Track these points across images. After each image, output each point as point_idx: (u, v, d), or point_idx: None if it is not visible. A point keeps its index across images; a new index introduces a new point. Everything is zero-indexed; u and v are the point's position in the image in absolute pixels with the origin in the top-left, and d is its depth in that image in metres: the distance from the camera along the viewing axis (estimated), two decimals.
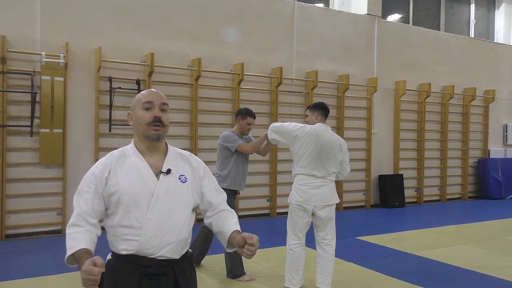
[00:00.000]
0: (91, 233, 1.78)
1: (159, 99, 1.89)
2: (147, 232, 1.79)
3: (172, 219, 1.83)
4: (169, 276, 1.83)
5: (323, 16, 9.02)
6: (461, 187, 10.93)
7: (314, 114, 4.14)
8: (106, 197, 1.83)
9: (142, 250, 1.79)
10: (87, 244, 1.73)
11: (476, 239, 6.51)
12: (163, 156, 1.92)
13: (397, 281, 4.55)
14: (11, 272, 4.67)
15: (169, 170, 1.87)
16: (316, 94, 8.60)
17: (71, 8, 6.64)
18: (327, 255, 4.02)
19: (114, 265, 1.84)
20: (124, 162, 1.87)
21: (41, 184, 6.44)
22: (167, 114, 1.91)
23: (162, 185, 1.84)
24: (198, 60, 7.29)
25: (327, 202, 3.96)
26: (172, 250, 1.83)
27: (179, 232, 1.84)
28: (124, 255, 1.81)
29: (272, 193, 8.24)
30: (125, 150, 1.92)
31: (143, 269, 1.79)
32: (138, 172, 1.85)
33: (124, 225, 1.80)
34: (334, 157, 4.01)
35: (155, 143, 1.89)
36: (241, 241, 1.79)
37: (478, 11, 11.94)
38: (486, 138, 11.35)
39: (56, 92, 6.38)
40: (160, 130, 1.87)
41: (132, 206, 1.80)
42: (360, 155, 9.35)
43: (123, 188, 1.81)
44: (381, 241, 6.23)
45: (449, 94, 10.34)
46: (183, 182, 1.90)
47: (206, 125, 7.56)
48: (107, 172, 1.84)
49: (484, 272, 4.85)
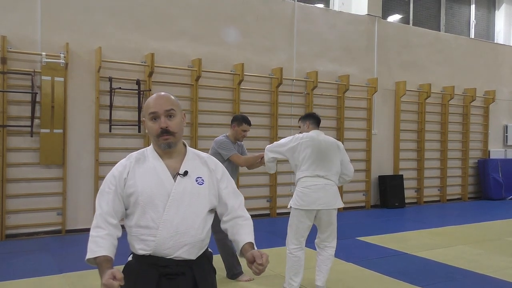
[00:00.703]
0: (111, 237, 1.83)
1: (163, 106, 1.87)
2: (162, 233, 1.81)
3: (188, 220, 1.85)
4: (187, 275, 1.85)
5: (323, 16, 9.03)
6: (461, 188, 10.93)
7: (306, 124, 4.18)
8: (125, 197, 1.87)
9: (158, 250, 1.82)
10: (108, 250, 1.79)
11: (476, 239, 6.51)
12: (181, 157, 1.94)
13: (397, 281, 4.55)
14: (11, 272, 4.67)
15: (186, 172, 1.89)
16: (316, 94, 8.60)
17: (71, 9, 6.64)
18: (326, 255, 4.04)
19: (133, 266, 1.88)
20: (143, 164, 1.90)
21: (41, 184, 6.45)
22: (175, 118, 1.89)
23: (179, 187, 1.86)
24: (198, 60, 7.29)
25: (330, 206, 3.94)
26: (188, 251, 1.84)
27: (194, 233, 1.86)
28: (142, 256, 1.84)
29: (272, 194, 8.24)
30: (144, 152, 1.95)
31: (161, 269, 1.82)
32: (156, 173, 1.87)
33: (141, 226, 1.84)
34: (334, 156, 4.02)
35: (168, 150, 1.90)
36: (250, 258, 1.80)
37: (478, 11, 11.94)
38: (486, 138, 11.35)
39: (57, 92, 6.39)
40: (169, 139, 1.87)
41: (149, 206, 1.83)
42: (360, 155, 9.35)
43: (141, 189, 1.84)
44: (381, 242, 6.23)
45: (449, 95, 10.34)
46: (200, 184, 1.91)
47: (206, 125, 7.56)
48: (126, 173, 1.88)
49: (484, 272, 4.85)
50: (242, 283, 4.42)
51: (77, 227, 6.56)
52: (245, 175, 7.74)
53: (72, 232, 6.51)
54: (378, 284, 4.51)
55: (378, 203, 9.60)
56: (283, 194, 8.33)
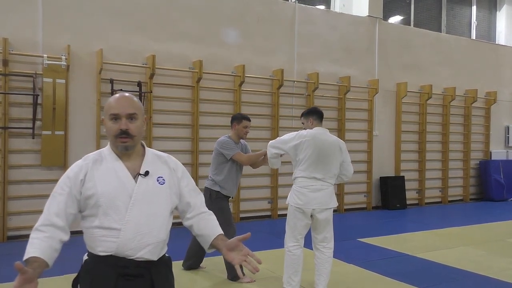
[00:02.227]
0: (51, 239, 1.76)
1: (126, 109, 1.83)
2: (125, 234, 1.79)
3: (150, 220, 1.83)
4: (145, 277, 1.83)
5: (324, 18, 9.03)
6: (463, 189, 10.91)
7: (309, 120, 4.15)
8: (82, 200, 1.82)
9: (120, 251, 1.79)
10: (42, 253, 1.72)
11: (478, 241, 6.50)
12: (140, 158, 1.91)
13: (398, 283, 4.54)
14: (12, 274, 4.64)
15: (147, 172, 1.87)
16: (317, 96, 8.60)
17: (72, 11, 6.66)
18: (324, 257, 4.02)
19: (90, 265, 1.85)
20: (101, 165, 1.86)
21: (43, 186, 6.44)
22: (136, 122, 1.86)
23: (140, 187, 1.84)
24: (199, 62, 7.30)
25: (326, 205, 3.96)
26: (151, 251, 1.83)
27: (157, 233, 1.85)
28: (102, 256, 1.81)
29: (273, 195, 8.24)
30: (101, 153, 1.92)
31: (120, 270, 1.79)
32: (116, 174, 1.84)
33: (103, 227, 1.80)
34: (335, 159, 4.01)
35: (125, 152, 1.88)
36: (232, 244, 1.83)
37: (479, 12, 11.94)
38: (487, 140, 11.34)
39: (58, 94, 6.40)
40: (127, 142, 1.84)
41: (110, 208, 1.79)
42: (361, 156, 9.34)
43: (101, 190, 1.80)
44: (382, 243, 6.22)
45: (450, 96, 10.33)
46: (161, 183, 1.90)
47: (207, 127, 7.56)
48: (83, 174, 1.83)
49: (485, 274, 4.84)
50: (244, 284, 4.42)
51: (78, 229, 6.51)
52: (246, 176, 7.71)
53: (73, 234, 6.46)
54: (379, 286, 4.51)
55: (380, 204, 9.59)
56: (284, 196, 8.24)
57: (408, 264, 5.27)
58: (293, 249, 4.02)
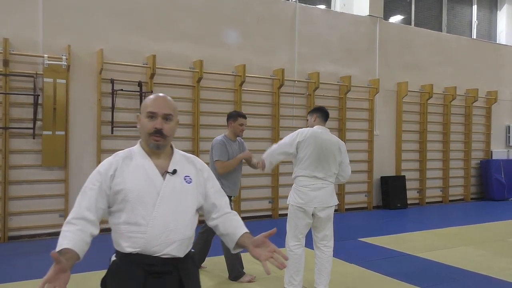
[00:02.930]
0: (83, 233, 1.78)
1: (163, 109, 1.89)
2: (153, 230, 1.82)
3: (177, 218, 1.87)
4: (173, 274, 1.86)
5: (325, 17, 9.03)
6: (464, 189, 10.91)
7: (313, 117, 4.20)
8: (111, 195, 1.85)
9: (147, 248, 1.81)
10: (73, 244, 1.73)
11: (479, 240, 6.50)
12: (168, 157, 1.96)
13: (399, 282, 4.54)
14: (13, 274, 4.68)
15: (175, 170, 1.91)
16: (317, 95, 8.60)
17: (73, 11, 6.66)
18: (325, 256, 4.04)
19: (119, 265, 1.87)
20: (131, 162, 1.91)
21: (44, 186, 6.46)
22: (171, 123, 1.92)
23: (168, 185, 1.88)
24: (199, 62, 7.30)
25: (327, 204, 3.99)
26: (177, 248, 1.86)
27: (184, 230, 1.88)
28: (129, 254, 1.83)
29: (274, 195, 8.24)
30: (131, 151, 1.96)
31: (148, 268, 1.82)
32: (144, 171, 1.88)
33: (129, 223, 1.83)
34: (334, 158, 4.04)
35: (156, 150, 1.92)
36: (259, 240, 1.86)
37: (480, 12, 11.93)
38: (488, 139, 11.33)
39: (58, 94, 6.40)
40: (160, 141, 1.89)
41: (138, 204, 1.83)
42: (362, 156, 9.34)
43: (130, 186, 1.84)
44: (383, 243, 6.22)
45: (451, 96, 10.33)
46: (188, 182, 1.94)
47: (208, 127, 7.56)
48: (113, 170, 1.87)
49: (486, 273, 4.84)
50: (245, 284, 4.42)
51: None
52: (246, 176, 7.73)
53: None
54: (380, 285, 4.51)
55: (380, 204, 9.59)
56: (285, 196, 8.28)
57: (409, 264, 5.27)
58: (295, 249, 4.02)
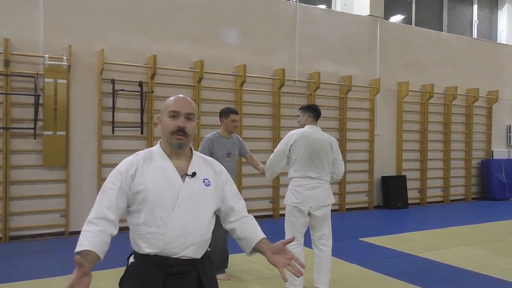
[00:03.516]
0: (103, 233, 1.79)
1: (186, 108, 1.92)
2: (172, 231, 1.82)
3: (196, 220, 1.88)
4: (192, 274, 1.87)
5: (325, 17, 9.03)
6: (465, 188, 10.90)
7: (305, 116, 4.19)
8: (131, 194, 1.86)
9: (166, 249, 1.82)
10: (94, 246, 1.74)
11: (479, 240, 6.49)
12: (188, 159, 1.97)
13: (400, 282, 4.54)
14: (15, 274, 4.68)
15: (194, 173, 1.92)
16: (318, 95, 8.60)
17: (74, 11, 6.66)
18: (323, 255, 4.05)
19: (137, 267, 1.87)
20: (151, 163, 1.92)
21: (45, 186, 6.46)
22: (192, 123, 1.94)
23: (188, 187, 1.89)
24: (200, 62, 7.30)
25: (322, 203, 4.01)
26: (195, 250, 1.87)
27: (202, 233, 1.89)
28: (147, 255, 1.83)
29: (275, 195, 8.24)
30: (151, 152, 1.97)
31: (167, 269, 1.83)
32: (164, 173, 1.89)
33: (148, 224, 1.84)
34: (326, 157, 4.05)
35: (177, 150, 1.93)
36: (278, 247, 1.86)
37: (480, 11, 11.92)
38: (489, 139, 11.32)
39: (59, 95, 6.41)
40: (182, 140, 1.90)
41: (158, 205, 1.84)
42: (363, 156, 9.33)
43: (150, 187, 1.85)
44: (383, 243, 6.22)
45: (452, 95, 10.32)
46: (207, 185, 1.95)
47: (209, 126, 7.54)
48: (133, 170, 1.88)
49: (487, 273, 4.84)
50: (245, 284, 4.42)
51: (80, 229, 6.52)
52: (247, 176, 7.75)
53: (75, 234, 6.51)
54: (380, 285, 4.51)
55: (381, 204, 9.58)
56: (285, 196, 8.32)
57: (410, 263, 5.27)
58: (293, 248, 4.04)
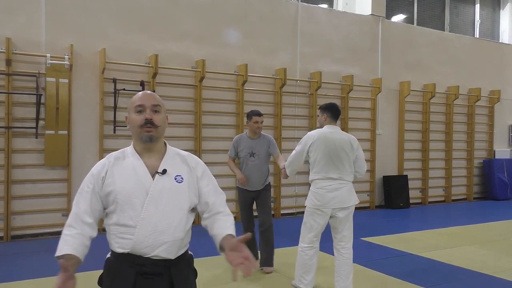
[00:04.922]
0: (82, 236, 1.82)
1: (150, 101, 1.91)
2: (141, 231, 1.81)
3: (167, 218, 1.85)
4: (164, 276, 1.84)
5: (327, 17, 9.02)
6: (466, 188, 10.88)
7: (324, 116, 4.12)
8: (103, 196, 1.87)
9: (136, 249, 1.81)
10: (75, 250, 1.77)
11: (481, 240, 6.48)
12: (161, 156, 1.94)
13: (401, 282, 4.53)
14: (16, 273, 4.69)
15: (165, 170, 1.89)
16: (320, 95, 8.59)
17: (75, 10, 6.67)
18: (342, 258, 3.97)
19: (112, 263, 1.89)
20: (122, 163, 1.91)
21: (46, 186, 6.47)
22: (160, 115, 1.92)
23: (157, 185, 1.86)
24: (202, 61, 7.30)
25: (346, 204, 3.95)
26: (167, 250, 1.84)
27: (173, 232, 1.85)
28: (120, 254, 1.84)
29: (276, 195, 8.23)
30: (124, 151, 1.96)
31: (138, 268, 1.82)
32: (134, 172, 1.88)
33: (119, 224, 1.84)
34: (347, 156, 3.99)
35: (149, 144, 1.91)
36: (232, 243, 1.74)
37: (483, 11, 11.89)
38: (491, 138, 11.30)
39: (61, 94, 6.41)
40: (152, 131, 1.88)
41: (127, 205, 1.83)
42: (365, 156, 9.20)
43: (119, 187, 1.85)
44: (385, 242, 6.21)
45: (453, 95, 10.30)
46: (179, 182, 1.91)
47: (210, 126, 7.57)
48: (104, 172, 1.89)
49: (489, 273, 4.83)
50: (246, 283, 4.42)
51: None
52: None
53: None
54: (382, 285, 4.50)
55: (383, 203, 9.57)
56: (287, 195, 8.33)
57: (412, 263, 5.26)
58: (306, 250, 4.02)
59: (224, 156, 5.49)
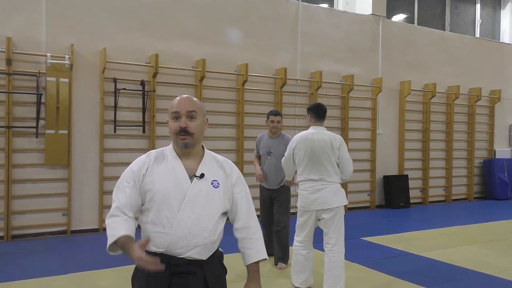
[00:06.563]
0: (129, 222, 1.85)
1: (186, 107, 1.92)
2: (176, 232, 1.84)
3: (201, 222, 1.88)
4: (198, 275, 1.88)
5: (328, 16, 9.01)
6: (467, 188, 10.88)
7: (308, 117, 4.16)
8: (142, 193, 1.91)
9: (170, 249, 1.85)
10: (128, 231, 1.80)
11: (482, 240, 6.48)
12: (199, 159, 1.98)
13: (402, 282, 4.53)
14: (17, 273, 4.69)
15: (203, 174, 1.93)
16: (320, 94, 8.59)
17: (76, 10, 6.67)
18: (328, 261, 3.85)
19: None
20: (162, 162, 1.94)
21: (47, 185, 6.47)
22: (196, 121, 1.94)
23: (195, 188, 1.89)
24: (202, 61, 7.30)
25: (329, 205, 3.86)
26: (199, 252, 1.87)
27: (207, 235, 1.89)
28: (154, 253, 1.86)
29: None
30: (163, 151, 1.99)
31: (173, 268, 1.84)
32: (173, 173, 1.91)
33: (155, 223, 1.87)
34: (328, 157, 3.90)
35: (185, 150, 1.94)
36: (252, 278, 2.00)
37: (483, 11, 11.89)
38: (491, 138, 11.29)
39: (61, 93, 6.41)
40: (186, 139, 1.91)
41: (164, 205, 1.86)
42: (365, 155, 9.32)
43: (158, 186, 1.88)
44: (386, 242, 6.21)
45: (454, 94, 10.30)
46: (216, 187, 1.95)
47: (211, 126, 7.53)
48: (145, 169, 1.92)
49: (489, 273, 4.83)
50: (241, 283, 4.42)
51: (82, 228, 6.58)
52: (248, 175, 7.73)
53: (77, 233, 6.53)
54: (383, 285, 4.50)
55: (383, 203, 9.57)
56: None
57: (412, 263, 5.26)
58: (299, 249, 4.05)
59: (224, 156, 5.45)
